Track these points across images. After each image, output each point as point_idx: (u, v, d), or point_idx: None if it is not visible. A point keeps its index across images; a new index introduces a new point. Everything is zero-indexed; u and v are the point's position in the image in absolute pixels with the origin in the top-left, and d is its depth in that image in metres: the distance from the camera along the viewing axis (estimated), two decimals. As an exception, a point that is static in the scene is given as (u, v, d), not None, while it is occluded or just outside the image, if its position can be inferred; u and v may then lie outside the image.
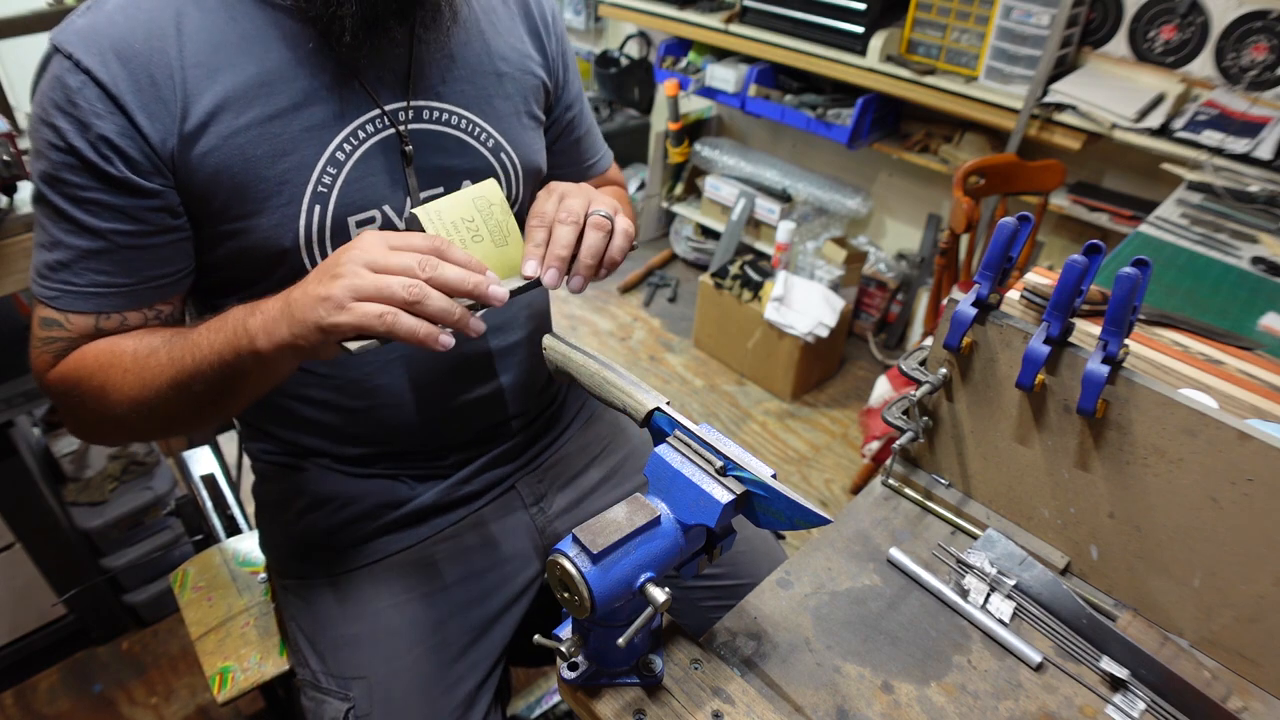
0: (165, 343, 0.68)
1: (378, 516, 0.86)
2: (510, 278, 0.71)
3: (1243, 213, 1.66)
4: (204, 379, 0.66)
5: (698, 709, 0.61)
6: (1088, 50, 2.10)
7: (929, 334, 2.05)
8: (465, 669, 0.85)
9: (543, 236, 0.70)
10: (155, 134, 0.66)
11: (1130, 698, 0.65)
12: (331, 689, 0.83)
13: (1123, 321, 0.63)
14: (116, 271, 0.69)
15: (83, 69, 0.63)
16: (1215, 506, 0.64)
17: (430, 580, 0.86)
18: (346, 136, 0.73)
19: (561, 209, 0.70)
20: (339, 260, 0.60)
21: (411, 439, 0.86)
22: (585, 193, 0.73)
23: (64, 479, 1.60)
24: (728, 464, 0.58)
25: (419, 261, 0.60)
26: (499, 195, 0.73)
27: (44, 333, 0.71)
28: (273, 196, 0.70)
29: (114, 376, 0.68)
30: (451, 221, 0.70)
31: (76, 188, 0.66)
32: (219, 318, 0.66)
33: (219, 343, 0.64)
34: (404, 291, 0.58)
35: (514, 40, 0.85)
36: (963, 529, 0.80)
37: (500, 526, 0.91)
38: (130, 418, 0.70)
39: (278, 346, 0.61)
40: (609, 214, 0.71)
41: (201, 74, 0.67)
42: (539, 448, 0.95)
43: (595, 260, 0.70)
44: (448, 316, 0.61)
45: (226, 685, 1.01)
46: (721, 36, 2.55)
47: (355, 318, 0.58)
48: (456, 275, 0.61)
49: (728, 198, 2.88)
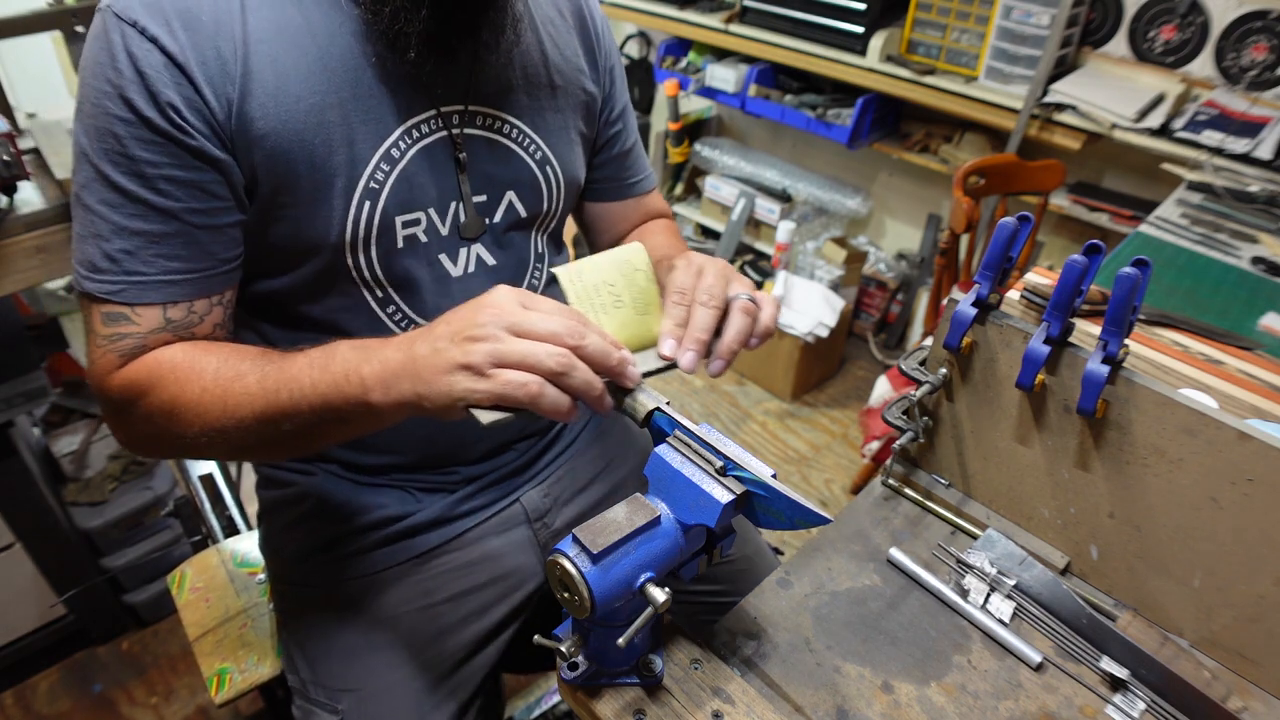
0: (255, 368, 0.63)
1: (381, 527, 0.85)
2: (645, 349, 0.67)
3: (1243, 213, 1.66)
4: (298, 419, 0.61)
5: (698, 709, 0.61)
6: (1088, 50, 2.10)
7: (929, 334, 2.05)
8: (457, 684, 0.84)
9: (682, 315, 0.66)
10: (219, 108, 0.63)
11: (1130, 698, 0.65)
12: (320, 699, 0.82)
13: (1123, 321, 0.63)
14: (189, 256, 0.66)
15: (149, 36, 0.60)
16: (1215, 506, 0.64)
17: (428, 594, 0.85)
18: (402, 134, 0.71)
19: (701, 289, 0.67)
20: (475, 319, 0.56)
21: (427, 451, 0.84)
22: (724, 271, 0.70)
23: (64, 479, 1.60)
24: (728, 464, 0.58)
25: (566, 328, 0.56)
26: (645, 261, 0.69)
27: (108, 329, 0.65)
28: (324, 187, 0.68)
29: (189, 393, 0.63)
30: (593, 284, 0.66)
31: (147, 164, 0.62)
32: (321, 352, 0.62)
33: (323, 384, 0.60)
34: (552, 362, 0.54)
35: (569, 53, 0.84)
36: (963, 529, 0.80)
37: (502, 541, 0.89)
38: (199, 440, 0.65)
39: (396, 404, 0.57)
40: (753, 297, 0.68)
41: (264, 53, 0.64)
42: (544, 462, 0.94)
43: (740, 345, 0.66)
44: (590, 391, 0.56)
45: (224, 687, 1.01)
46: (721, 36, 2.55)
47: (496, 386, 0.54)
48: (600, 349, 0.57)
49: (728, 198, 2.88)
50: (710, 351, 0.67)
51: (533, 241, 0.85)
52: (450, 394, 0.55)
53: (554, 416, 0.56)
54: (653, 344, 0.68)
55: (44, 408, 1.64)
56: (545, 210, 0.84)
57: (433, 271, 0.76)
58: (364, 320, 0.76)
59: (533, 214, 0.82)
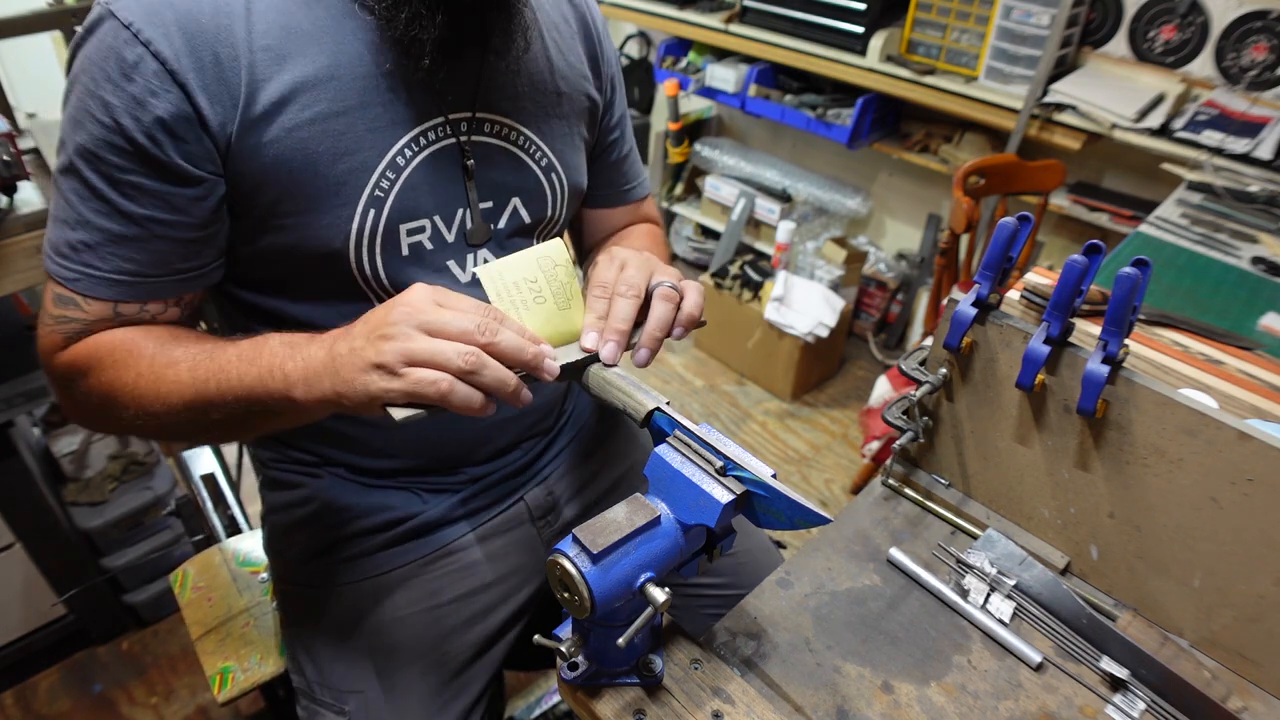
0: (188, 356, 0.64)
1: (387, 529, 0.84)
2: (569, 343, 0.68)
3: (1243, 213, 1.66)
4: (225, 409, 0.62)
5: (698, 709, 0.61)
6: (1088, 50, 2.10)
7: (929, 334, 2.05)
8: (463, 684, 0.84)
9: (603, 308, 0.67)
10: (214, 117, 0.62)
11: (1130, 698, 0.65)
12: (326, 701, 0.82)
13: (1123, 321, 0.63)
14: (145, 262, 0.66)
15: (142, 41, 0.59)
16: (1215, 506, 0.64)
17: (434, 595, 0.85)
18: (409, 142, 0.70)
19: (621, 280, 0.67)
20: (388, 318, 0.56)
21: (435, 455, 0.84)
22: (647, 263, 0.70)
23: (64, 479, 1.60)
24: (728, 464, 0.58)
25: (477, 325, 0.56)
26: (564, 256, 0.69)
27: (57, 310, 0.67)
28: (329, 196, 0.67)
29: (125, 377, 0.65)
30: (513, 281, 0.66)
31: (116, 168, 0.62)
32: (251, 345, 0.62)
33: (250, 378, 0.61)
34: (460, 360, 0.55)
35: (574, 59, 0.84)
36: (963, 529, 0.80)
37: (506, 540, 0.89)
38: (134, 422, 0.66)
39: (318, 401, 0.58)
40: (675, 284, 0.68)
41: (270, 59, 0.63)
42: (546, 460, 0.94)
43: (663, 332, 0.67)
44: (503, 388, 0.57)
45: (227, 685, 1.01)
46: (721, 36, 2.55)
47: (407, 385, 0.54)
48: (513, 344, 0.58)
49: (728, 198, 2.88)
50: (633, 342, 0.67)
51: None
52: (366, 392, 0.56)
53: (466, 413, 0.56)
54: (576, 338, 0.69)
55: (44, 408, 1.64)
56: (549, 217, 0.83)
57: (438, 279, 0.76)
58: None
59: (536, 220, 0.82)
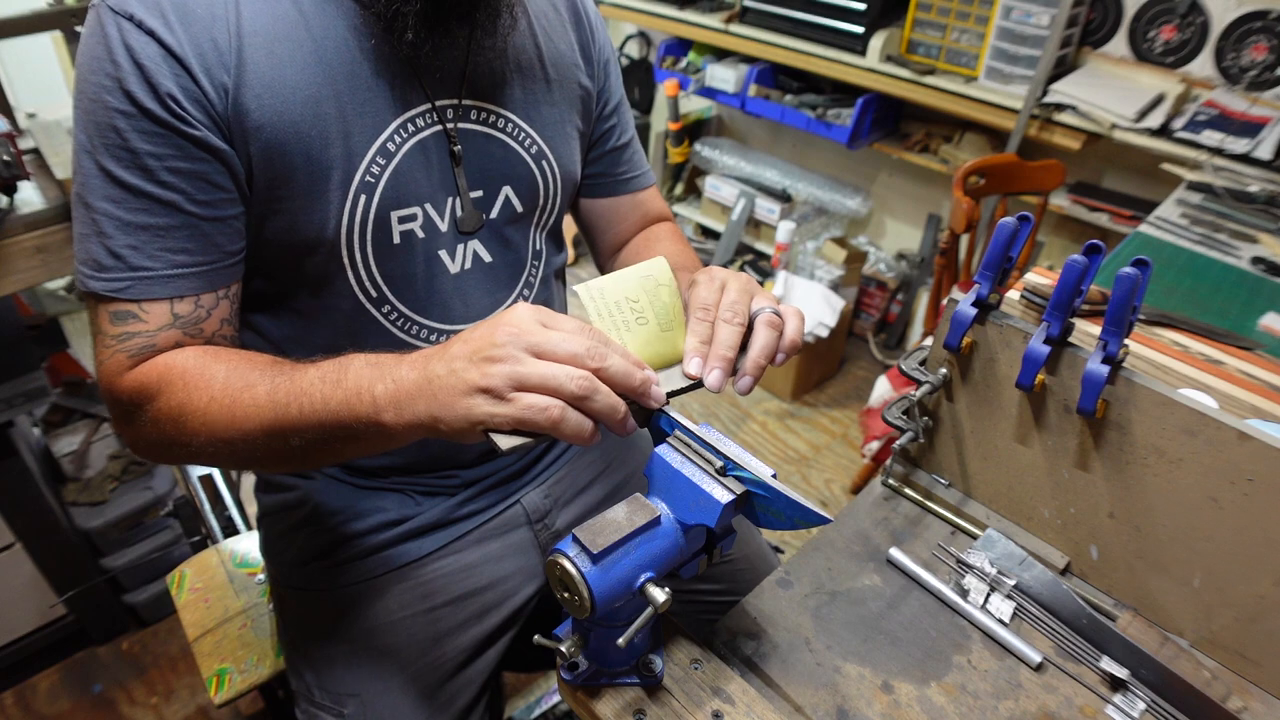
0: (265, 379, 0.62)
1: (382, 531, 0.84)
2: (671, 366, 0.66)
3: (1243, 213, 1.66)
4: (307, 434, 0.59)
5: (698, 709, 0.61)
6: (1088, 50, 2.10)
7: (929, 334, 2.05)
8: (460, 686, 0.84)
9: (706, 331, 0.64)
10: (217, 99, 0.62)
11: (1130, 698, 0.65)
12: (324, 704, 0.82)
13: (1123, 321, 0.63)
14: (195, 249, 0.65)
15: (145, 29, 0.60)
16: (1215, 506, 0.64)
17: (430, 597, 0.84)
18: (398, 128, 0.70)
19: (724, 304, 0.65)
20: (494, 339, 0.53)
21: (419, 454, 0.84)
22: (748, 286, 0.68)
23: (64, 479, 1.60)
24: (728, 464, 0.58)
25: (587, 349, 0.54)
26: (668, 275, 0.67)
27: (117, 328, 0.64)
28: (320, 181, 0.67)
29: (197, 401, 0.62)
30: (615, 301, 0.64)
31: (150, 156, 0.61)
32: (334, 365, 0.60)
33: (335, 400, 0.57)
34: (573, 385, 0.52)
35: (564, 47, 0.84)
36: (963, 529, 0.80)
37: (502, 543, 0.89)
38: (205, 450, 0.63)
39: (409, 425, 0.55)
40: (778, 309, 0.67)
41: (259, 44, 0.64)
42: (544, 463, 0.94)
43: (768, 360, 0.65)
44: (613, 415, 0.54)
45: (224, 687, 1.01)
46: (721, 36, 2.55)
47: (516, 410, 0.52)
48: (622, 369, 0.55)
49: (728, 198, 2.88)
50: (736, 368, 0.65)
51: (530, 238, 0.85)
52: (469, 417, 0.53)
53: (576, 441, 0.54)
54: (677, 361, 0.66)
55: (44, 408, 1.64)
56: (542, 206, 0.83)
57: (429, 268, 0.76)
58: (360, 320, 0.75)
59: (529, 209, 0.82)
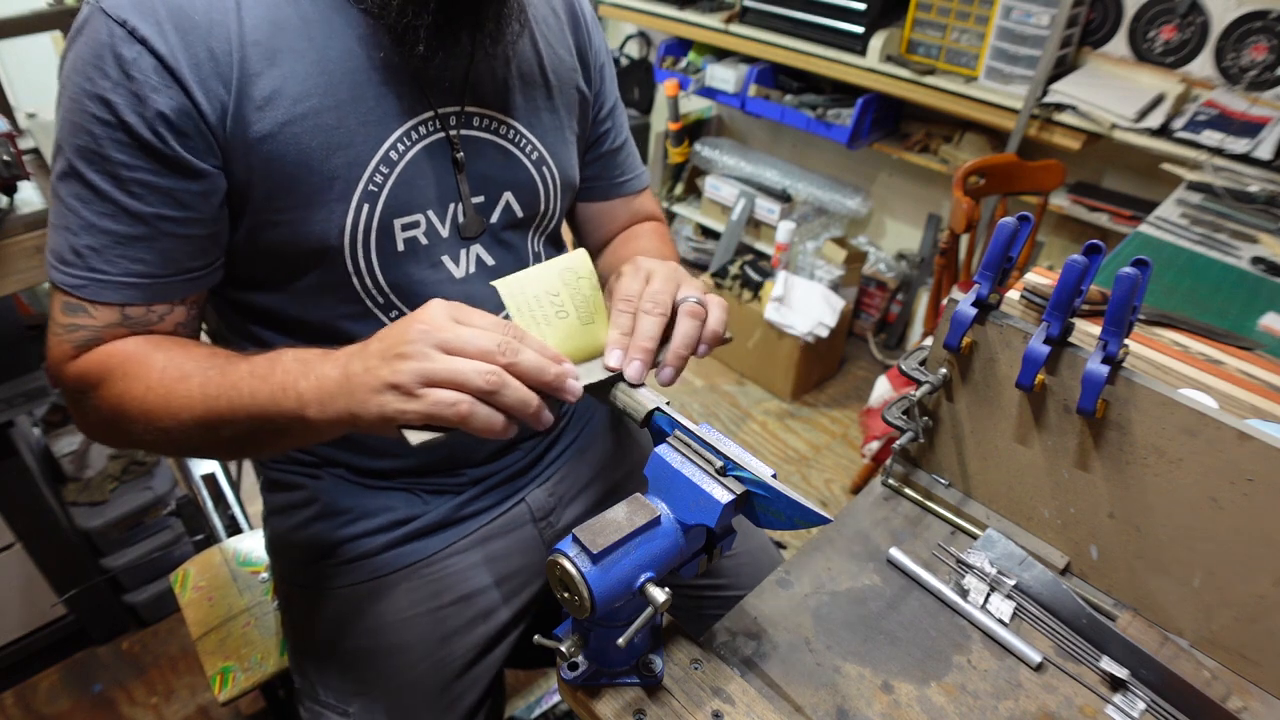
0: (199, 370, 0.63)
1: (389, 530, 0.84)
2: (593, 358, 0.66)
3: (1243, 213, 1.66)
4: (236, 427, 0.61)
5: (698, 709, 0.61)
6: (1088, 50, 2.10)
7: (929, 334, 2.05)
8: (467, 685, 0.84)
9: (628, 323, 0.65)
10: (212, 112, 0.62)
11: (1130, 698, 0.65)
12: (329, 703, 0.82)
13: (1123, 321, 0.63)
14: (154, 261, 0.65)
15: (138, 37, 0.59)
16: (1215, 506, 0.64)
17: (436, 596, 0.84)
18: (401, 136, 0.70)
19: (647, 295, 0.66)
20: (405, 335, 0.55)
21: (438, 455, 0.84)
22: (673, 275, 0.68)
23: (64, 479, 1.60)
24: (728, 464, 0.58)
25: (498, 344, 0.55)
26: (588, 267, 0.67)
27: (66, 319, 0.66)
28: (323, 191, 0.67)
29: (134, 390, 0.63)
30: (534, 295, 0.64)
31: (123, 166, 0.61)
32: (265, 361, 0.61)
33: (262, 395, 0.59)
34: (481, 380, 0.53)
35: (563, 52, 0.84)
36: (963, 529, 0.80)
37: (507, 541, 0.89)
38: (144, 437, 0.65)
39: (332, 421, 0.57)
40: (701, 299, 0.67)
41: (260, 54, 0.63)
42: (548, 461, 0.94)
43: (688, 350, 0.65)
44: (524, 409, 0.55)
45: (228, 685, 1.01)
46: (721, 36, 2.55)
47: (425, 406, 0.53)
48: (535, 363, 0.56)
49: (728, 198, 2.88)
50: (658, 360, 0.66)
51: (530, 242, 0.85)
52: (381, 414, 0.54)
53: (487, 435, 0.55)
54: (599, 353, 0.67)
55: (44, 408, 1.64)
56: (542, 211, 0.83)
57: (434, 274, 0.76)
58: (368, 326, 0.75)
59: (530, 214, 0.82)
